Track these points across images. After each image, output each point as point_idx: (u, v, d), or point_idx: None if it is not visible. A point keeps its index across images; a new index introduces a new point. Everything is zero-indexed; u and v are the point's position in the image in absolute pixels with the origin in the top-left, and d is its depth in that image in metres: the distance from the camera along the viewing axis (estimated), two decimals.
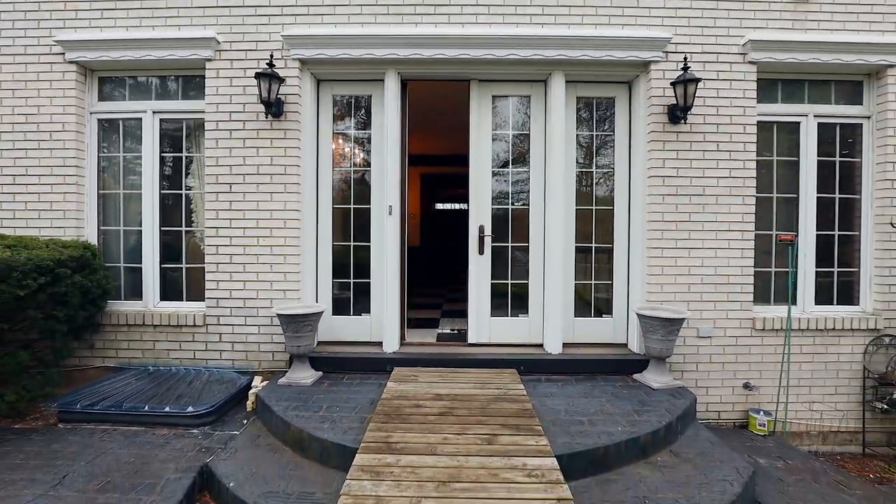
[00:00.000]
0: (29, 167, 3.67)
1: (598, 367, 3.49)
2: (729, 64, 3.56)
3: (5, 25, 3.68)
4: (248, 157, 3.58)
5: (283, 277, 3.59)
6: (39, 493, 2.25)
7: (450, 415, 2.55)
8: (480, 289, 3.81)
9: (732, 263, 3.56)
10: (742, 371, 3.59)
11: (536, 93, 3.74)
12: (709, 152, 3.53)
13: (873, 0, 3.57)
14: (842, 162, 3.78)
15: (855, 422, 3.64)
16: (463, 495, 1.79)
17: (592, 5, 3.55)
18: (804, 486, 2.75)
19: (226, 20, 3.60)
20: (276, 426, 2.79)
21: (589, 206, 3.80)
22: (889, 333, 3.61)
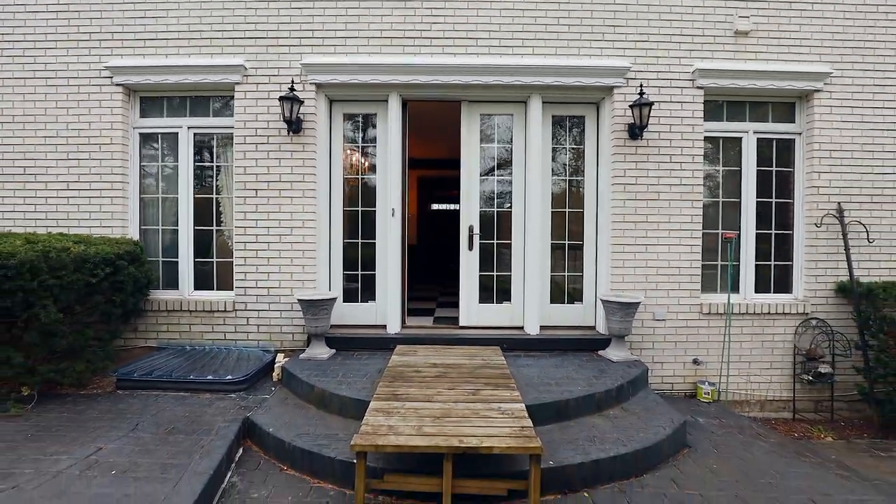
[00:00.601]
0: (81, 175, 4.30)
1: (569, 346, 4.17)
2: (680, 88, 4.24)
3: (61, 52, 4.31)
4: (272, 167, 4.23)
5: (301, 269, 4.24)
6: (122, 434, 2.90)
7: (443, 377, 3.21)
8: (470, 280, 4.48)
9: (683, 258, 4.24)
10: (691, 349, 4.28)
11: (518, 112, 4.42)
12: (663, 163, 4.22)
13: (801, 35, 4.27)
14: (778, 171, 4.48)
15: (787, 392, 4.33)
16: (452, 424, 2.45)
17: (564, 39, 4.22)
18: (729, 436, 3.44)
19: (252, 50, 4.25)
20: (301, 389, 3.45)
21: (563, 208, 4.48)
22: (815, 317, 4.30)
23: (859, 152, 4.31)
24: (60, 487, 2.30)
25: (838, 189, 4.31)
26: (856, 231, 4.29)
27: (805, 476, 2.89)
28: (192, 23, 4.26)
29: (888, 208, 4.31)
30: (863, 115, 4.30)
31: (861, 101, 4.29)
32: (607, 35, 4.25)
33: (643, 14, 4.23)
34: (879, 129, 4.30)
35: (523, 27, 4.22)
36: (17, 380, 3.23)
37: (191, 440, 2.85)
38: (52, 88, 4.31)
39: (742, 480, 2.78)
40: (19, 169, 4.32)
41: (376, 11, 4.22)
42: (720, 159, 4.48)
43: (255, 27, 4.24)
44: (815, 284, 4.33)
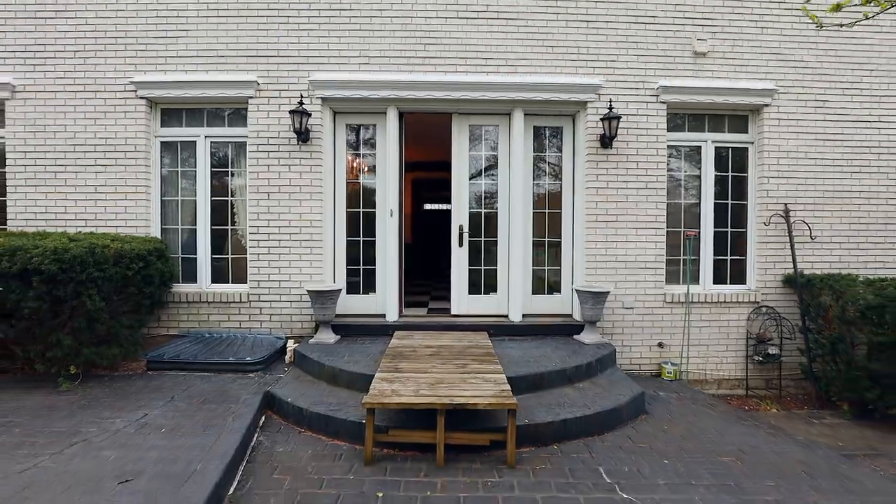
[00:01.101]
0: (108, 179, 4.79)
1: (548, 331, 4.74)
2: (646, 103, 4.82)
3: (89, 68, 4.79)
4: (282, 173, 4.75)
5: (309, 264, 4.77)
6: (162, 404, 3.41)
7: (436, 355, 3.76)
8: (460, 273, 5.03)
9: (649, 252, 4.83)
10: (656, 333, 4.87)
11: (503, 123, 4.97)
12: (630, 169, 4.80)
13: (752, 56, 4.87)
14: (734, 176, 5.08)
15: (741, 371, 4.94)
16: (445, 388, 2.99)
17: (544, 58, 4.78)
18: (683, 406, 4.03)
19: (264, 67, 4.76)
20: (313, 368, 3.98)
21: (543, 209, 5.04)
22: (765, 305, 4.91)
23: (803, 160, 4.92)
24: (122, 441, 2.81)
25: (785, 192, 4.92)
26: (800, 229, 4.90)
27: (741, 434, 3.48)
28: (209, 42, 4.76)
29: (828, 210, 4.93)
30: (806, 127, 4.91)
31: (805, 114, 4.91)
32: (581, 55, 4.82)
33: (612, 37, 4.80)
34: (821, 139, 4.92)
35: (507, 48, 4.77)
36: (65, 360, 3.72)
37: (222, 408, 3.37)
38: (81, 101, 4.79)
39: (687, 437, 3.37)
40: (51, 174, 4.79)
41: (377, 33, 4.75)
42: (682, 166, 5.07)
43: (267, 47, 4.75)
44: (766, 276, 4.94)
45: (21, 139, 4.79)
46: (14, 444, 2.77)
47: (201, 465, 2.53)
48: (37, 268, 3.33)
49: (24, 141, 4.79)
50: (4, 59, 4.81)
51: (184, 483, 2.35)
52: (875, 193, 4.96)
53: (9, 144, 4.80)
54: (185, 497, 2.22)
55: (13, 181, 4.79)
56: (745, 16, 4.87)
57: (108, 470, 2.47)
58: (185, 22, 4.78)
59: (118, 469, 2.48)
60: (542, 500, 2.48)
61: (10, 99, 4.78)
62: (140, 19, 4.77)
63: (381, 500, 2.47)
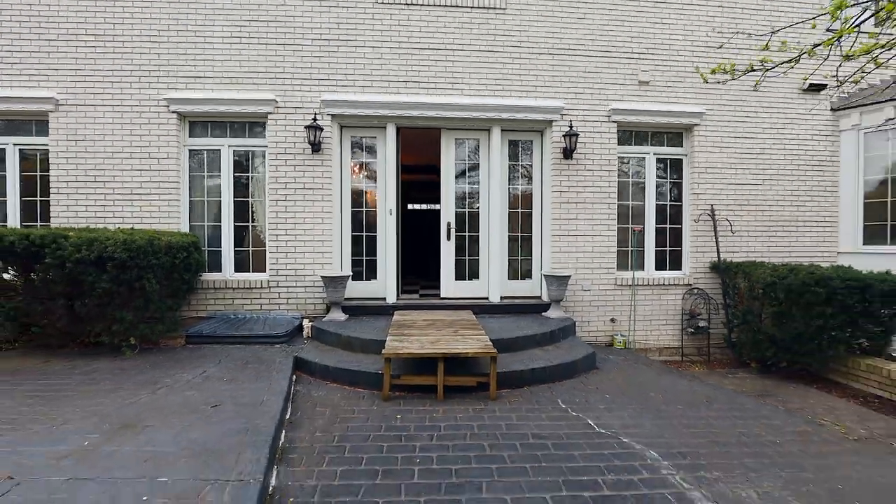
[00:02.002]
0: (143, 182, 5.58)
1: (521, 309, 5.79)
2: (600, 122, 5.93)
3: (125, 86, 5.56)
4: (297, 178, 5.64)
5: (321, 255, 5.67)
6: (213, 365, 4.28)
7: (432, 325, 4.74)
8: (448, 262, 6.03)
9: (602, 244, 5.94)
10: (609, 311, 5.98)
11: (483, 137, 6.00)
12: (587, 176, 5.90)
13: (685, 85, 6.04)
14: (672, 181, 6.26)
15: (677, 341, 6.10)
16: (442, 345, 3.97)
17: (517, 84, 5.83)
18: (627, 365, 5.13)
19: (281, 87, 5.64)
20: (330, 339, 4.90)
21: (517, 209, 6.10)
22: (696, 286, 6.10)
23: (726, 169, 6.13)
24: (196, 386, 3.70)
25: (711, 195, 6.12)
26: (723, 226, 6.11)
27: (667, 381, 4.60)
28: (233, 65, 5.61)
29: (745, 209, 6.15)
30: (729, 144, 6.12)
31: (727, 133, 6.12)
32: (548, 82, 5.89)
33: (573, 67, 5.89)
34: (740, 153, 6.14)
35: (486, 75, 5.80)
36: (125, 333, 4.53)
37: (263, 366, 4.27)
38: (119, 114, 5.56)
39: (626, 383, 4.46)
40: (91, 177, 5.54)
41: (378, 61, 5.70)
42: (630, 173, 6.21)
43: (284, 70, 5.64)
44: (696, 263, 6.13)
45: (63, 146, 5.53)
46: (110, 389, 3.62)
47: (265, 398, 3.45)
48: (111, 255, 4.15)
49: (66, 148, 5.53)
50: (48, 77, 5.53)
51: (257, 407, 3.27)
52: (781, 197, 6.21)
53: (52, 151, 5.53)
54: (262, 413, 3.15)
55: (56, 183, 5.53)
56: (679, 52, 6.04)
57: (197, 401, 3.37)
58: (212, 47, 5.61)
59: (203, 401, 3.38)
60: (516, 416, 3.51)
61: (53, 111, 5.51)
62: (171, 44, 5.58)
63: (400, 419, 3.44)
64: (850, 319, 4.87)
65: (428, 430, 3.28)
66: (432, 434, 3.21)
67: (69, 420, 2.99)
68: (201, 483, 2.25)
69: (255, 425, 2.96)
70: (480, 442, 3.09)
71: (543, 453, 2.94)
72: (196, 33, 5.60)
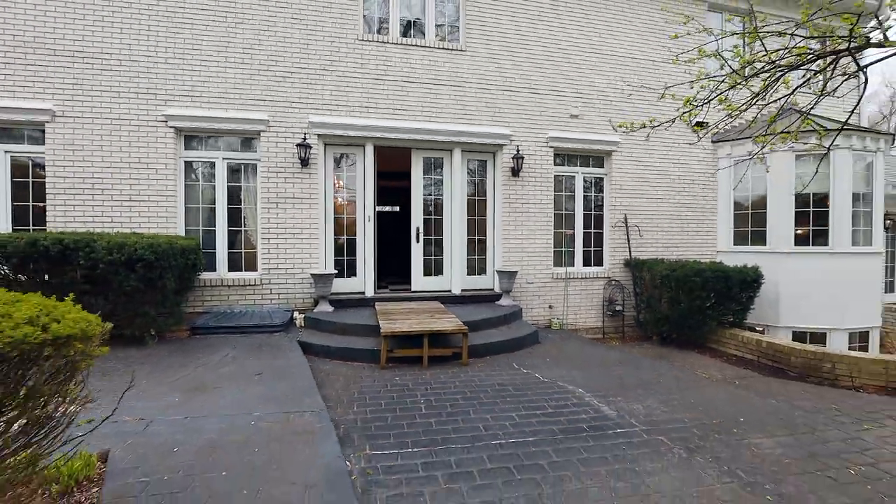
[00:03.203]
0: (141, 191, 6.22)
1: (478, 299, 7.14)
2: (540, 147, 7.42)
3: (124, 101, 6.17)
4: (287, 188, 6.56)
5: (308, 256, 6.64)
6: (231, 349, 5.17)
7: (412, 313, 5.93)
8: (417, 261, 7.23)
9: (542, 245, 7.44)
10: (548, 299, 7.51)
11: (446, 157, 7.26)
12: (530, 191, 7.36)
13: (605, 118, 7.69)
14: (595, 195, 7.91)
15: (599, 322, 7.77)
16: (425, 324, 5.18)
17: (476, 113, 7.15)
18: (562, 340, 6.65)
19: (272, 108, 6.52)
20: (325, 326, 5.93)
21: (474, 216, 7.43)
22: (614, 278, 7.79)
23: (636, 186, 7.88)
24: (228, 363, 4.62)
25: (625, 207, 7.84)
26: (634, 231, 7.85)
27: (591, 350, 6.15)
28: (229, 87, 6.41)
29: (650, 218, 7.94)
30: (638, 166, 7.87)
31: (636, 158, 7.86)
32: (500, 113, 7.27)
33: (520, 102, 7.33)
34: (646, 173, 7.91)
35: (449, 105, 7.07)
36: (146, 326, 5.26)
37: (275, 349, 5.23)
38: (116, 126, 6.15)
39: (561, 351, 5.94)
40: (88, 185, 6.09)
41: (359, 89, 6.76)
42: (563, 188, 7.78)
43: (275, 93, 6.52)
44: (613, 261, 7.83)
45: (61, 155, 6.03)
46: (153, 370, 4.44)
47: (293, 369, 4.48)
48: (140, 257, 4.90)
49: (63, 157, 6.03)
50: (44, 89, 6.00)
51: (291, 374, 4.30)
52: (677, 209, 8.08)
53: (48, 159, 6.01)
54: (298, 376, 4.19)
55: (52, 189, 6.02)
56: (601, 94, 7.68)
57: (239, 372, 4.32)
58: (208, 69, 6.36)
59: (244, 372, 4.34)
60: (484, 374, 4.83)
61: (50, 122, 6.00)
62: (169, 65, 6.26)
63: (398, 380, 4.62)
64: (719, 301, 6.73)
65: (421, 385, 4.49)
66: (425, 387, 4.43)
67: (145, 389, 3.85)
68: (284, 414, 3.31)
69: (298, 384, 4.01)
70: (461, 390, 4.36)
71: (507, 394, 4.27)
72: (193, 56, 6.32)
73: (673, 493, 2.67)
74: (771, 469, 3.00)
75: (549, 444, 3.24)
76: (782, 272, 7.41)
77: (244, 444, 2.87)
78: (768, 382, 5.25)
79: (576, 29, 7.63)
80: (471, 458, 3.01)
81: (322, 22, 6.67)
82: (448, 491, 2.62)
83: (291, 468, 2.60)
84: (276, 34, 6.54)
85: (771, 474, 2.93)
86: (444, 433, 3.40)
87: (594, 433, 3.45)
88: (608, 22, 7.78)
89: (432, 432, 3.41)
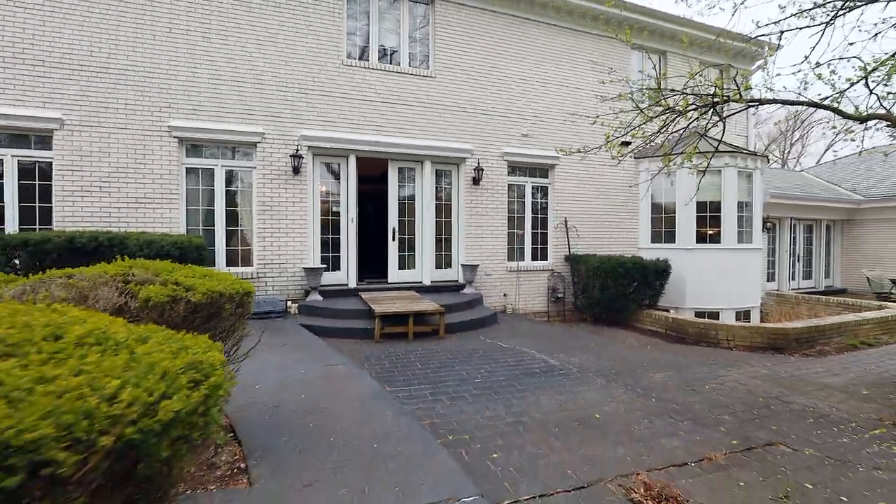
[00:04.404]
0: (147, 194, 7.01)
1: (446, 289, 8.51)
2: (497, 160, 8.93)
3: (130, 112, 6.93)
4: (281, 193, 7.59)
5: (300, 252, 7.70)
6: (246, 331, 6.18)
7: (396, 299, 7.19)
8: (393, 257, 8.48)
9: (498, 243, 8.95)
10: (503, 288, 9.03)
11: (418, 167, 8.57)
12: (489, 197, 8.85)
13: (549, 137, 9.33)
14: (542, 201, 9.54)
15: (545, 307, 9.40)
16: (409, 307, 6.47)
17: (443, 130, 8.52)
18: (515, 321, 8.18)
19: (267, 122, 7.52)
20: (320, 311, 7.04)
21: (441, 218, 8.80)
22: (556, 271, 9.46)
23: (575, 194, 9.60)
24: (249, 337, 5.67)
25: (565, 211, 9.54)
26: (573, 231, 9.56)
27: (540, 327, 7.73)
28: (228, 101, 7.33)
29: (586, 220, 9.70)
30: (575, 177, 9.59)
31: (575, 170, 9.58)
32: (462, 132, 8.69)
33: (479, 122, 8.79)
34: (582, 183, 9.65)
35: (421, 124, 8.38)
36: None
37: (283, 330, 6.30)
38: (123, 135, 6.90)
39: (514, 329, 7.45)
40: (96, 188, 6.81)
41: (344, 107, 7.91)
42: (516, 195, 9.34)
43: (270, 109, 7.53)
44: (556, 256, 9.50)
45: (69, 161, 6.70)
46: None
47: (308, 342, 5.61)
48: (167, 252, 5.80)
49: (71, 162, 6.71)
50: (53, 99, 6.65)
51: (309, 346, 5.43)
52: (607, 213, 9.91)
53: (56, 164, 6.67)
54: (316, 346, 5.34)
55: (60, 192, 6.69)
56: (547, 117, 9.32)
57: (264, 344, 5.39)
58: (210, 86, 7.25)
59: (270, 344, 5.41)
60: (459, 344, 6.21)
61: (58, 129, 6.66)
62: (174, 80, 7.10)
63: (392, 349, 5.89)
64: (639, 287, 8.56)
65: (411, 352, 5.79)
66: (415, 353, 5.73)
67: None
68: (324, 367, 4.50)
69: (318, 351, 5.18)
70: (444, 353, 5.72)
71: (479, 354, 5.68)
72: (196, 74, 7.19)
73: (595, 399, 4.19)
74: (657, 387, 4.63)
75: (514, 379, 4.69)
76: (687, 265, 9.41)
77: (307, 382, 4.06)
78: (670, 346, 7.06)
79: (527, 62, 9.22)
80: (462, 389, 4.38)
81: (311, 47, 7.76)
82: (451, 405, 3.97)
83: (346, 391, 3.84)
84: (271, 56, 7.54)
85: (657, 390, 4.55)
86: (438, 378, 4.74)
87: (544, 374, 4.94)
88: (554, 55, 9.44)
89: (430, 377, 4.74)
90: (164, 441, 0.94)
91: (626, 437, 3.46)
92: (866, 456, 3.28)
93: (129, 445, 0.87)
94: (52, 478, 0.77)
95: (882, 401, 4.50)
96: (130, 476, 0.92)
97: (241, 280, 3.21)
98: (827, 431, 3.71)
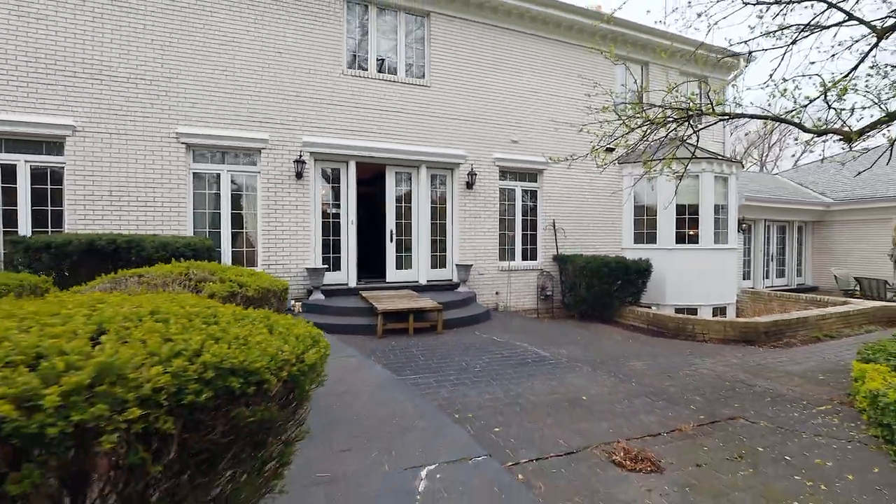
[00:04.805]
0: (156, 197, 7.36)
1: (441, 288, 9.01)
2: (489, 165, 9.45)
3: (139, 119, 7.27)
4: (284, 196, 7.99)
5: (302, 253, 8.11)
6: None
7: (395, 297, 7.66)
8: (391, 257, 8.94)
9: (491, 244, 9.48)
10: (495, 287, 9.55)
11: (414, 172, 9.04)
12: (481, 200, 9.36)
13: (538, 143, 9.89)
14: (531, 204, 10.09)
15: (535, 305, 9.95)
16: (409, 304, 6.94)
17: (438, 137, 9.01)
18: (506, 318, 8.71)
19: (271, 129, 7.92)
20: (324, 309, 7.47)
21: (436, 220, 9.29)
22: (545, 270, 10.02)
23: (562, 197, 10.17)
24: None
25: (553, 213, 10.10)
26: (560, 232, 10.14)
27: (530, 323, 8.27)
28: (234, 108, 7.71)
29: (573, 222, 10.28)
30: (563, 181, 10.17)
31: (562, 175, 10.15)
32: (456, 138, 9.19)
33: (472, 129, 9.30)
34: (569, 187, 10.23)
35: (417, 130, 8.86)
36: None
37: None
38: (134, 140, 7.25)
39: (507, 325, 7.98)
40: (106, 191, 7.14)
41: (343, 115, 8.35)
42: (507, 198, 9.87)
43: (274, 116, 7.93)
44: (545, 256, 10.07)
45: (81, 166, 7.02)
46: None
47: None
48: (182, 253, 6.17)
49: (83, 167, 7.03)
50: (66, 106, 6.97)
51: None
52: (593, 215, 10.51)
53: (68, 169, 6.99)
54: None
55: (72, 196, 7.00)
56: (537, 124, 9.88)
57: None
58: (217, 95, 7.63)
59: None
60: (456, 338, 6.70)
61: (70, 136, 6.98)
62: (182, 89, 7.46)
63: (394, 343, 6.36)
64: (622, 286, 9.16)
65: (413, 346, 6.27)
66: (417, 346, 6.21)
67: None
68: (339, 358, 4.94)
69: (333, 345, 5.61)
70: (443, 346, 6.21)
71: (475, 347, 6.18)
72: (203, 83, 7.56)
73: (582, 384, 4.73)
74: (638, 374, 5.19)
75: (509, 368, 5.20)
76: (668, 264, 10.04)
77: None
78: (651, 339, 7.66)
79: (517, 72, 9.76)
80: (463, 377, 4.88)
81: (314, 58, 8.18)
82: (455, 390, 4.47)
83: (361, 378, 4.31)
84: (275, 66, 7.95)
85: (637, 376, 5.11)
86: (440, 367, 5.23)
87: (536, 363, 5.47)
88: (544, 65, 10.01)
89: (433, 367, 5.23)
90: (308, 378, 1.45)
91: (609, 414, 3.99)
92: (811, 426, 3.87)
93: (291, 378, 1.37)
94: (263, 391, 1.26)
95: (834, 384, 5.13)
96: (289, 402, 1.42)
97: (278, 279, 3.64)
98: (781, 408, 4.30)
